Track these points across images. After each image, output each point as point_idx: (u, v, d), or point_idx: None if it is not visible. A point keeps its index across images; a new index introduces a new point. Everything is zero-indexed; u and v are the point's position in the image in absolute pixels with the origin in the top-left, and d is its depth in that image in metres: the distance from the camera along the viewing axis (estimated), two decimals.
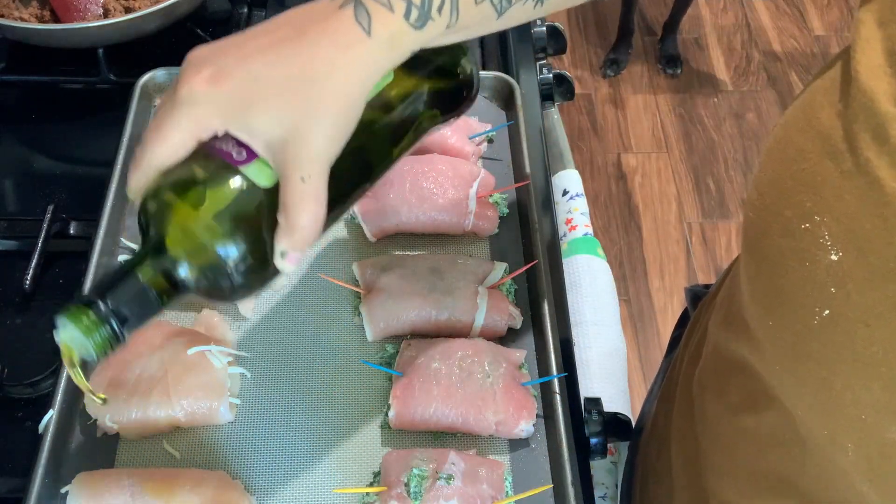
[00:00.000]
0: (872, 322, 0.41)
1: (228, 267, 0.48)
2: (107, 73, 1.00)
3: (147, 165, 0.49)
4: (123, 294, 0.47)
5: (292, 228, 0.48)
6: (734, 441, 0.59)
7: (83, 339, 0.46)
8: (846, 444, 0.45)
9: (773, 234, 0.46)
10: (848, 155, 0.41)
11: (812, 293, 0.44)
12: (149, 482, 0.65)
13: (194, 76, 0.47)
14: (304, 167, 0.47)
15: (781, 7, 2.84)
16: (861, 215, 0.41)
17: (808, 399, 0.47)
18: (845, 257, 0.42)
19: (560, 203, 1.08)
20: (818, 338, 0.44)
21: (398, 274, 0.77)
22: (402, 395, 0.70)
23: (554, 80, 1.03)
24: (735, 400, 0.58)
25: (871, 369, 0.42)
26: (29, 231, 0.85)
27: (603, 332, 0.97)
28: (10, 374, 0.75)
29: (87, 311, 0.46)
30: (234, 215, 0.48)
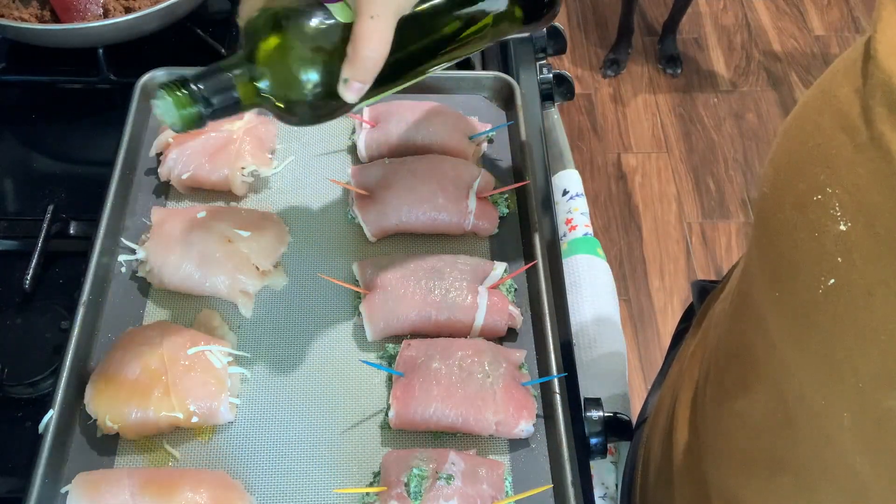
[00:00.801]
0: (875, 291, 0.42)
1: (302, 85, 0.58)
2: (107, 73, 1.00)
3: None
4: (214, 85, 0.57)
5: (356, 58, 0.56)
6: (729, 425, 0.60)
7: (174, 110, 0.57)
8: (842, 414, 0.46)
9: (785, 208, 0.47)
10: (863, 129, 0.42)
11: (819, 263, 0.44)
12: (149, 482, 0.65)
13: None
14: (377, 7, 0.55)
15: (781, 7, 2.84)
16: (871, 187, 0.42)
17: (809, 371, 0.48)
18: (853, 227, 0.42)
19: (560, 203, 1.08)
20: (822, 307, 0.45)
21: (398, 274, 0.77)
22: (402, 395, 0.70)
23: (554, 80, 1.03)
24: (731, 384, 0.59)
25: (871, 337, 0.43)
26: (29, 231, 0.85)
27: (603, 332, 0.97)
28: (10, 374, 0.75)
29: (182, 89, 0.57)
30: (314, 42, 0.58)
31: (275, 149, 0.90)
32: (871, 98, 0.42)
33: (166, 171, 0.85)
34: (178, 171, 0.84)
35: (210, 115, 0.58)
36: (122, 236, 0.82)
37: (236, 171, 0.84)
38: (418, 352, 0.73)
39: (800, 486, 0.53)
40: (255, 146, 0.86)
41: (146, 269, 0.79)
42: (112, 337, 0.75)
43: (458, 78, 0.96)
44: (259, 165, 0.86)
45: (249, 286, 0.78)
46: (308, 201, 0.87)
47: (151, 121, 0.92)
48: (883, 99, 0.41)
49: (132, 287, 0.80)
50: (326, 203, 0.87)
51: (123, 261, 0.81)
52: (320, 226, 0.85)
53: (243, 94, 0.58)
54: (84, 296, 0.76)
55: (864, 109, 0.42)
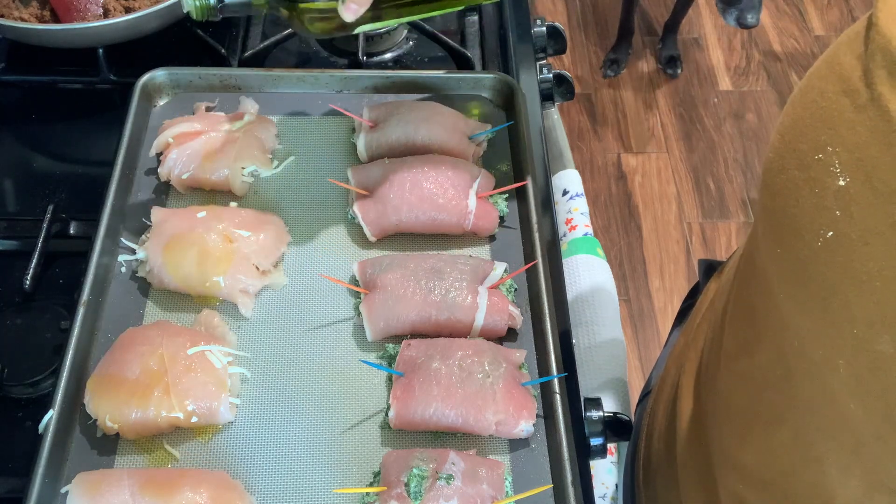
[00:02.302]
0: (871, 240, 0.44)
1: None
2: (107, 73, 1.00)
3: None
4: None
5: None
6: (730, 387, 0.62)
7: None
8: (838, 361, 0.48)
9: (789, 169, 0.49)
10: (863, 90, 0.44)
11: (819, 217, 0.46)
12: (149, 482, 0.65)
13: None
14: None
15: (781, 7, 2.83)
16: (870, 144, 0.44)
17: (807, 322, 0.50)
18: (852, 182, 0.44)
19: (560, 203, 1.08)
20: (821, 258, 0.47)
21: (398, 274, 0.77)
22: (402, 395, 0.70)
23: (554, 80, 1.03)
24: (732, 347, 0.61)
25: (867, 284, 0.44)
26: (29, 231, 0.85)
27: (603, 331, 0.97)
28: (10, 374, 0.75)
29: None
30: None
31: (275, 148, 0.90)
32: (872, 61, 0.44)
33: (166, 171, 0.84)
34: (178, 171, 0.84)
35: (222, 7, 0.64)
36: (122, 236, 0.82)
37: (236, 171, 0.84)
38: (418, 352, 0.73)
39: (797, 440, 0.54)
40: (255, 146, 0.86)
41: (146, 269, 0.79)
42: (112, 337, 0.75)
43: (458, 78, 0.96)
44: (259, 165, 0.86)
45: (249, 286, 0.78)
46: (308, 201, 0.87)
47: (151, 121, 0.92)
48: (883, 61, 0.43)
49: (132, 287, 0.80)
50: (326, 203, 0.87)
51: (123, 261, 0.81)
52: (320, 226, 0.85)
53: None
54: (84, 296, 0.76)
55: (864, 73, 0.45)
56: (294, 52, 1.08)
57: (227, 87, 0.95)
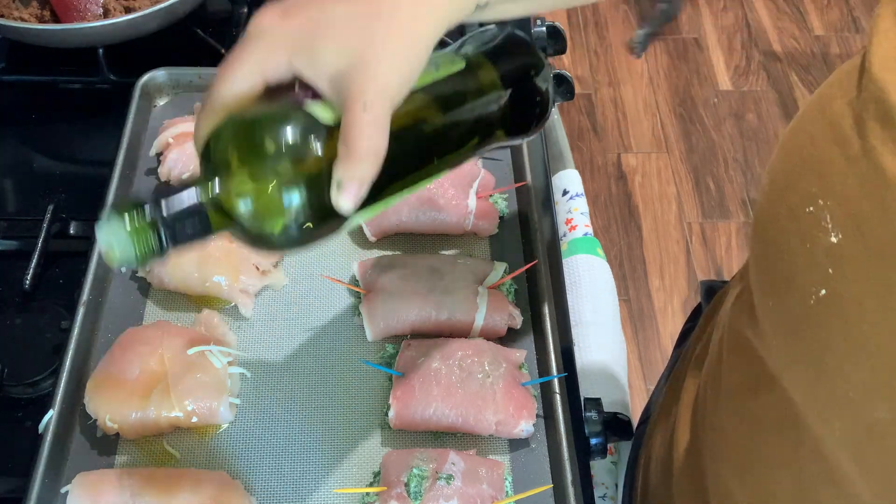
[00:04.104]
0: (866, 301, 0.42)
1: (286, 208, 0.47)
2: (107, 73, 1.00)
3: (214, 103, 0.49)
4: (179, 210, 0.46)
5: (350, 156, 0.46)
6: (730, 423, 0.60)
7: (127, 239, 0.45)
8: (834, 423, 0.46)
9: (779, 218, 0.47)
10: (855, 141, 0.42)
11: (811, 274, 0.45)
12: (149, 482, 0.65)
13: (266, 12, 0.49)
14: (367, 94, 0.46)
15: (781, 7, 2.83)
16: (862, 199, 0.42)
17: (801, 379, 0.48)
18: (844, 239, 0.43)
19: (560, 203, 1.08)
20: (814, 317, 0.45)
21: (398, 274, 0.77)
22: (402, 395, 0.70)
23: (554, 80, 1.03)
24: (734, 383, 0.59)
25: (861, 348, 0.43)
26: (29, 231, 0.85)
27: (603, 332, 0.97)
28: (10, 374, 0.75)
29: (137, 211, 0.45)
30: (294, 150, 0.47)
31: None
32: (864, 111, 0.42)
33: (166, 171, 0.84)
34: (178, 171, 0.84)
35: (172, 246, 0.46)
36: None
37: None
38: (418, 352, 0.73)
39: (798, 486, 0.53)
40: None
41: (146, 269, 0.79)
42: (112, 337, 0.75)
43: None
44: None
45: (249, 286, 0.78)
46: None
47: (151, 121, 0.92)
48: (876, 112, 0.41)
49: (132, 287, 0.80)
50: None
51: None
52: None
53: (214, 218, 0.47)
54: (84, 296, 0.76)
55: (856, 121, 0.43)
56: None
57: None
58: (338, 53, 0.47)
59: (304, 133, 0.47)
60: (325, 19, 0.48)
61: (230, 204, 0.47)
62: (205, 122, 0.49)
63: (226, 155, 0.48)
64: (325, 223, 0.49)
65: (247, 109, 0.48)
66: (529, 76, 0.60)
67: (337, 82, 0.47)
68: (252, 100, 0.49)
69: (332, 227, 0.50)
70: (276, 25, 0.48)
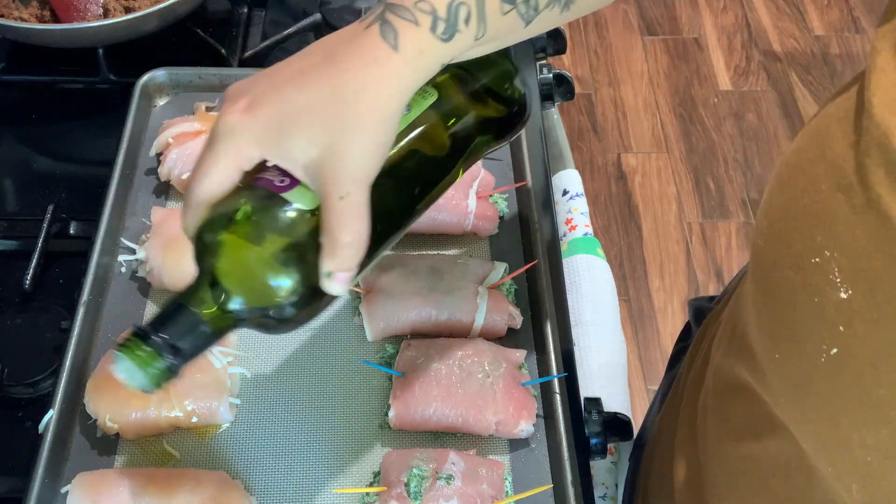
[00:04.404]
0: (880, 363, 0.40)
1: (279, 296, 0.48)
2: (107, 73, 1.00)
3: (195, 202, 0.49)
4: (177, 328, 0.48)
5: (334, 247, 0.47)
6: (737, 466, 0.58)
7: (138, 371, 0.47)
8: (850, 483, 0.45)
9: (782, 267, 0.46)
10: (859, 189, 0.40)
11: (820, 330, 0.43)
12: (149, 482, 0.65)
13: (230, 108, 0.48)
14: (343, 185, 0.46)
15: (781, 7, 2.83)
16: (872, 253, 0.40)
17: (813, 435, 0.47)
18: (855, 295, 0.41)
19: (560, 203, 1.08)
20: (825, 376, 0.44)
21: (398, 274, 0.77)
22: (402, 395, 0.70)
23: (554, 80, 1.03)
24: (738, 425, 0.57)
25: (879, 412, 0.41)
26: (29, 231, 0.85)
27: (603, 331, 0.97)
28: (10, 374, 0.75)
29: (141, 345, 0.47)
30: (278, 242, 0.48)
31: None
32: (867, 156, 0.40)
33: (166, 171, 0.84)
34: (178, 171, 0.84)
35: (183, 363, 0.48)
36: (122, 236, 0.82)
37: None
38: (418, 352, 0.73)
39: None
40: None
41: (146, 269, 0.79)
42: (112, 337, 0.75)
43: None
44: None
45: None
46: None
47: (151, 121, 0.92)
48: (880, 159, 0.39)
49: (132, 287, 0.80)
50: None
51: (123, 261, 0.81)
52: None
53: (215, 324, 0.49)
54: (84, 296, 0.76)
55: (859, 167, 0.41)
56: (294, 52, 1.07)
57: (227, 87, 0.95)
58: (308, 144, 0.47)
59: (289, 226, 0.48)
60: (291, 111, 0.47)
61: (228, 309, 0.49)
62: (189, 219, 0.50)
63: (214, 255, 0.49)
64: (325, 299, 0.51)
65: (228, 206, 0.49)
66: (503, 86, 0.60)
67: (311, 171, 0.47)
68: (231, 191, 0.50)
69: (331, 298, 0.51)
70: (243, 122, 0.47)
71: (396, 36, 0.47)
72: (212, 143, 0.49)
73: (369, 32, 0.48)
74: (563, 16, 0.55)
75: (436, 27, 0.48)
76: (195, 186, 0.49)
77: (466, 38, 0.50)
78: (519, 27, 0.53)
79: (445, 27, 0.49)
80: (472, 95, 0.58)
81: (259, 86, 0.49)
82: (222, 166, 0.48)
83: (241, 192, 0.49)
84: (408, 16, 0.48)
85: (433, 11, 0.48)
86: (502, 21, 0.51)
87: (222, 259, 0.49)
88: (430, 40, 0.48)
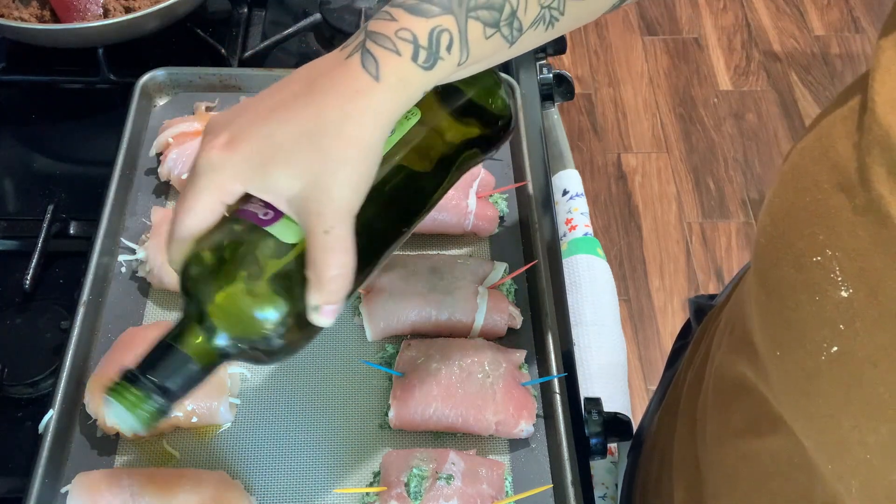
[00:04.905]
0: (881, 362, 0.40)
1: (267, 329, 0.48)
2: (107, 73, 1.00)
3: (179, 237, 0.49)
4: (166, 368, 0.48)
5: (320, 281, 0.47)
6: (735, 465, 0.58)
7: (129, 415, 0.47)
8: (850, 481, 0.45)
9: (784, 265, 0.46)
10: (861, 189, 0.41)
11: (821, 329, 0.43)
12: (149, 482, 0.65)
13: (211, 143, 0.48)
14: (326, 219, 0.46)
15: (781, 7, 2.83)
16: (873, 253, 0.40)
17: (814, 434, 0.47)
18: (856, 295, 0.41)
19: (560, 203, 1.08)
20: (826, 374, 0.44)
21: (398, 274, 0.77)
22: (402, 395, 0.70)
23: (554, 80, 1.03)
24: (738, 423, 0.57)
25: (879, 411, 0.41)
26: (29, 231, 0.85)
27: (603, 331, 0.97)
28: (10, 374, 0.75)
29: (130, 388, 0.47)
30: (264, 275, 0.48)
31: None
32: (868, 155, 0.40)
33: (166, 171, 0.84)
34: (178, 171, 0.84)
35: (172, 403, 0.48)
36: (122, 236, 0.82)
37: None
38: (418, 352, 0.73)
39: None
40: None
41: (146, 269, 0.79)
42: (112, 337, 0.75)
43: None
44: None
45: None
46: None
47: (151, 120, 0.92)
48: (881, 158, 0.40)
49: (132, 287, 0.80)
50: None
51: (123, 261, 0.81)
52: None
53: (203, 361, 0.48)
54: (84, 296, 0.76)
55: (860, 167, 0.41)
56: (294, 53, 1.08)
57: (227, 87, 0.95)
58: (291, 178, 0.46)
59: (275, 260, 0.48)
60: (272, 145, 0.47)
61: (216, 344, 0.49)
62: (174, 253, 0.50)
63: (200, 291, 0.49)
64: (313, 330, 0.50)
65: (213, 240, 0.49)
66: (488, 101, 0.59)
67: (295, 204, 0.47)
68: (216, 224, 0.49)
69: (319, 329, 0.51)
70: (225, 157, 0.47)
71: (378, 66, 0.47)
72: (194, 178, 0.48)
73: (350, 63, 0.48)
74: (548, 33, 0.55)
75: (417, 56, 0.48)
76: (178, 222, 0.49)
77: (449, 65, 0.49)
78: (503, 48, 0.53)
79: (427, 55, 0.48)
80: (456, 112, 0.57)
81: (240, 119, 0.48)
82: (205, 201, 0.48)
83: (226, 226, 0.49)
84: (388, 45, 0.47)
85: (414, 40, 0.48)
86: (486, 45, 0.51)
87: (208, 294, 0.48)
88: (411, 69, 0.48)
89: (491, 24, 0.50)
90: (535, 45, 0.55)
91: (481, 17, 0.50)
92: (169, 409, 0.48)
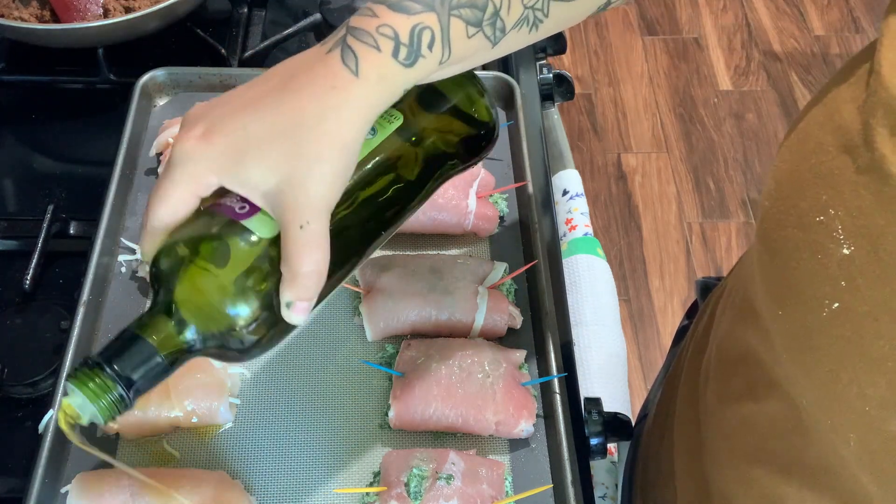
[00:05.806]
0: (880, 317, 0.41)
1: (237, 325, 0.47)
2: (107, 73, 1.00)
3: (152, 228, 0.49)
4: (130, 358, 0.47)
5: (294, 277, 0.47)
6: (735, 429, 0.59)
7: (90, 404, 0.46)
8: (849, 435, 0.46)
9: (787, 226, 0.47)
10: (864, 149, 0.41)
11: (822, 286, 0.44)
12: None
13: (187, 134, 0.48)
14: (302, 214, 0.46)
15: (781, 7, 2.83)
16: (874, 211, 0.41)
17: (813, 390, 0.47)
18: (857, 252, 0.42)
19: (560, 203, 1.08)
20: (826, 330, 0.44)
21: (398, 274, 0.77)
22: (402, 395, 0.70)
23: (554, 80, 1.03)
24: (738, 387, 0.58)
25: (878, 364, 0.42)
26: (29, 231, 0.85)
27: (603, 332, 0.97)
28: (10, 374, 0.75)
29: (93, 377, 0.46)
30: (237, 270, 0.47)
31: None
32: (873, 117, 0.41)
33: None
34: None
35: (136, 395, 0.46)
36: (122, 236, 0.82)
37: None
38: (418, 352, 0.73)
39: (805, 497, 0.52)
40: None
41: (146, 269, 0.78)
42: (112, 337, 0.75)
43: None
44: None
45: None
46: None
47: (151, 120, 0.92)
48: (885, 119, 0.40)
49: (132, 287, 0.80)
50: None
51: (123, 261, 0.81)
52: None
53: (169, 355, 0.47)
54: (84, 296, 0.76)
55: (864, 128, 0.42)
56: (294, 53, 1.07)
57: (227, 87, 0.95)
58: (267, 172, 0.46)
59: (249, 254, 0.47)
60: (248, 138, 0.46)
61: (184, 338, 0.47)
62: (147, 245, 0.49)
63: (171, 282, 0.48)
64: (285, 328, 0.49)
65: (186, 232, 0.48)
66: (471, 108, 0.59)
67: (271, 199, 0.47)
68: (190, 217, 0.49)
69: (291, 327, 0.50)
70: (200, 149, 0.47)
71: (357, 62, 0.47)
72: (169, 169, 0.48)
73: (330, 58, 0.47)
74: (531, 35, 0.55)
75: (398, 52, 0.47)
76: (152, 212, 0.48)
77: (430, 63, 0.49)
78: (486, 48, 0.52)
79: (408, 52, 0.48)
80: (439, 118, 0.57)
81: (216, 111, 0.48)
82: (179, 193, 0.48)
83: (200, 218, 0.49)
84: (369, 41, 0.47)
85: (395, 36, 0.47)
86: (468, 44, 0.51)
87: (179, 286, 0.47)
88: (392, 66, 0.47)
89: (473, 23, 0.50)
90: (519, 46, 0.55)
91: (464, 15, 0.50)
92: (131, 402, 0.47)
